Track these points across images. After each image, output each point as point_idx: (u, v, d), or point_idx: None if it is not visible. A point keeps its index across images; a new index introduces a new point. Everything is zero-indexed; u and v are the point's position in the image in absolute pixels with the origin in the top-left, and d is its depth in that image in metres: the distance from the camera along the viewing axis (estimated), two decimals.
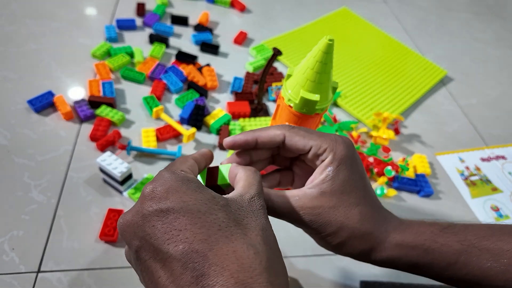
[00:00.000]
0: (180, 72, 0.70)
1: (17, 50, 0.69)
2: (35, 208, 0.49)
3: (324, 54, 0.37)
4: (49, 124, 0.59)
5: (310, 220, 0.28)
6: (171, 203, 0.21)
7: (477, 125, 0.79)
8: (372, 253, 0.28)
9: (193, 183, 0.22)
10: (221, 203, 0.22)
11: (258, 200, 0.24)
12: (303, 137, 0.29)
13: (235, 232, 0.21)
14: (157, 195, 0.22)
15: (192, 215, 0.20)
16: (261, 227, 0.22)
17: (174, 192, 0.21)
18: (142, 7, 0.83)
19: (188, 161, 0.27)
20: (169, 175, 0.23)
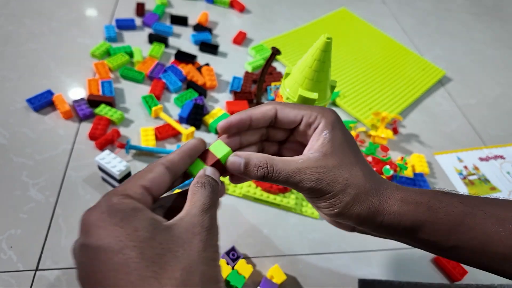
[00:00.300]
0: (179, 71, 0.70)
1: (16, 50, 0.69)
2: (33, 207, 0.49)
3: (322, 53, 0.37)
4: (48, 123, 0.59)
5: (317, 179, 0.27)
6: (92, 240, 0.20)
7: (476, 125, 0.79)
8: (379, 213, 0.27)
9: (119, 215, 0.21)
10: (142, 237, 0.20)
11: (199, 220, 0.22)
12: (293, 108, 0.30)
13: (144, 275, 0.19)
14: (85, 229, 0.21)
15: (105, 255, 0.20)
16: (184, 266, 0.20)
17: (96, 227, 0.21)
18: (141, 7, 0.84)
19: (152, 172, 0.24)
20: (103, 204, 0.22)
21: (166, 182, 0.25)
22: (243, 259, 0.48)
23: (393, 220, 0.27)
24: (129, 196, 0.22)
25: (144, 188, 0.23)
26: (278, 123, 0.30)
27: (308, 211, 0.56)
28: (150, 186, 0.24)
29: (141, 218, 0.21)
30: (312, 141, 0.29)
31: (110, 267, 0.19)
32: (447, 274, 0.53)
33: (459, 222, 0.27)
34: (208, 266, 0.21)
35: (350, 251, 0.53)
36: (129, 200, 0.22)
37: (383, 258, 0.53)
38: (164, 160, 0.26)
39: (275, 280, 0.47)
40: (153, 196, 0.24)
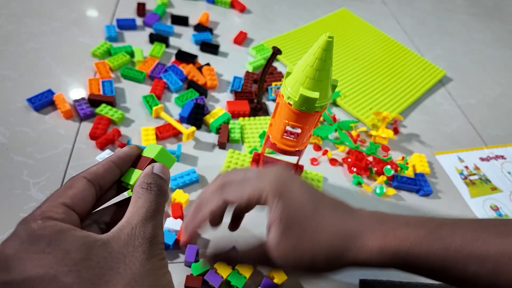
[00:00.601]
0: (180, 71, 0.70)
1: (17, 49, 0.69)
2: (33, 206, 0.48)
3: (324, 51, 0.37)
4: (49, 122, 0.59)
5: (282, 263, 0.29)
6: (14, 274, 0.18)
7: (476, 125, 0.79)
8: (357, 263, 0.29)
9: (43, 241, 0.19)
10: (76, 259, 0.18)
11: (140, 231, 0.21)
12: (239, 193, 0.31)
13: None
14: (4, 264, 0.19)
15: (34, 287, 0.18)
16: (129, 280, 0.19)
17: (18, 259, 0.18)
18: (142, 7, 0.84)
19: (72, 188, 0.22)
20: (21, 232, 0.20)
21: (90, 197, 0.23)
22: None
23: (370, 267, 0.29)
24: (50, 218, 0.20)
25: (66, 206, 0.21)
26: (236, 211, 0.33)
27: None
28: (72, 204, 0.22)
29: (70, 239, 0.19)
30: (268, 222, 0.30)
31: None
32: None
33: (438, 266, 0.28)
34: (155, 276, 0.20)
35: None
36: (52, 223, 0.20)
37: None
38: (85, 173, 0.24)
39: (275, 281, 0.46)
40: (78, 214, 0.22)
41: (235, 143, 0.63)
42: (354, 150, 0.63)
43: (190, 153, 0.59)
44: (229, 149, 0.60)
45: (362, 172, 0.61)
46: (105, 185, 0.24)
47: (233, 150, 0.60)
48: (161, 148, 0.26)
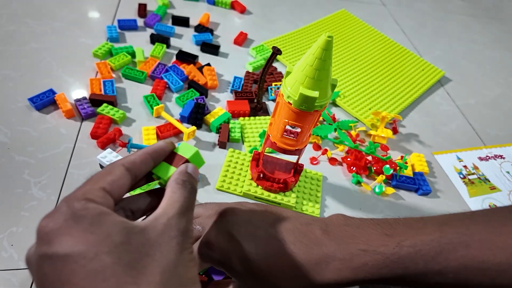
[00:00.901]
0: (180, 71, 0.71)
1: (18, 49, 0.70)
2: (35, 205, 0.49)
3: (323, 51, 0.38)
4: (50, 121, 0.59)
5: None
6: (58, 248, 0.19)
7: (475, 125, 0.80)
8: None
9: (86, 220, 0.19)
10: (116, 241, 0.19)
11: (176, 223, 0.22)
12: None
13: (123, 281, 0.18)
14: (46, 238, 0.19)
15: (76, 263, 0.18)
16: (162, 269, 0.20)
17: (61, 234, 0.19)
18: (143, 8, 0.84)
19: (111, 174, 0.23)
20: (64, 209, 0.20)
21: (126, 185, 0.24)
22: None
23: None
24: (91, 200, 0.21)
25: (104, 191, 0.22)
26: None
27: (308, 209, 0.56)
28: (111, 189, 0.22)
29: (111, 223, 0.20)
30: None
31: (83, 276, 0.18)
32: None
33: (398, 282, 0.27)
34: (186, 268, 0.21)
35: None
36: (94, 205, 0.21)
37: None
38: (124, 161, 0.24)
39: None
40: (113, 199, 0.23)
41: (235, 142, 0.63)
42: (353, 149, 0.63)
43: None
44: (230, 148, 0.61)
45: (362, 171, 0.62)
46: (139, 175, 0.25)
47: (233, 149, 0.61)
48: (196, 151, 0.27)
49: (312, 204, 0.56)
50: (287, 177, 0.55)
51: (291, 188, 0.57)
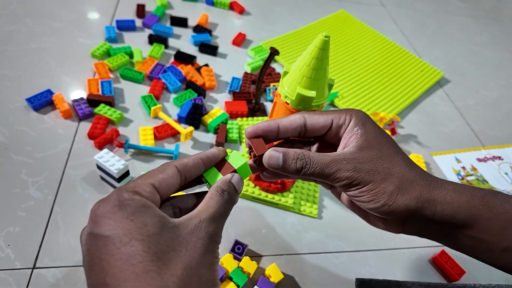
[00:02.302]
0: (178, 72, 0.71)
1: (17, 49, 0.70)
2: (32, 205, 0.49)
3: (320, 51, 0.37)
4: (48, 122, 0.59)
5: (355, 168, 0.26)
6: (102, 229, 0.21)
7: (474, 126, 0.80)
8: (431, 203, 0.26)
9: (129, 209, 0.22)
10: (150, 232, 0.21)
11: (206, 226, 0.23)
12: (321, 114, 0.29)
13: (148, 269, 0.20)
14: (95, 219, 0.22)
15: (113, 245, 0.20)
16: (185, 265, 0.21)
17: (107, 218, 0.21)
18: (142, 8, 0.84)
19: (163, 173, 0.25)
20: (114, 197, 0.23)
21: (175, 184, 0.26)
22: (247, 256, 0.48)
23: (446, 212, 0.26)
24: (139, 193, 0.23)
25: (153, 187, 0.24)
26: (309, 131, 0.29)
27: (306, 210, 0.56)
28: (159, 186, 0.24)
29: (151, 215, 0.22)
30: (344, 139, 0.29)
31: (117, 257, 0.20)
32: (445, 274, 0.53)
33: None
34: (207, 270, 0.22)
35: (348, 251, 0.53)
36: (139, 197, 0.23)
37: (381, 257, 0.53)
38: (177, 163, 0.26)
39: (272, 279, 0.47)
40: (160, 195, 0.25)
41: (233, 143, 0.63)
42: None
43: (188, 153, 0.60)
44: (227, 149, 0.60)
45: None
46: (189, 177, 0.27)
47: (230, 150, 0.60)
48: (245, 162, 0.28)
49: (310, 205, 0.56)
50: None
51: (289, 189, 0.57)
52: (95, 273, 0.20)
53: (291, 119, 0.29)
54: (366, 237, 0.55)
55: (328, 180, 0.27)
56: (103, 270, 0.20)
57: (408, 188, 0.26)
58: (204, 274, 0.22)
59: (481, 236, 0.26)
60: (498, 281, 0.54)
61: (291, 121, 0.29)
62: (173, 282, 0.20)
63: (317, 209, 0.56)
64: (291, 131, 0.29)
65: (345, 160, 0.26)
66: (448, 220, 0.26)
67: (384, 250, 0.54)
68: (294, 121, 0.29)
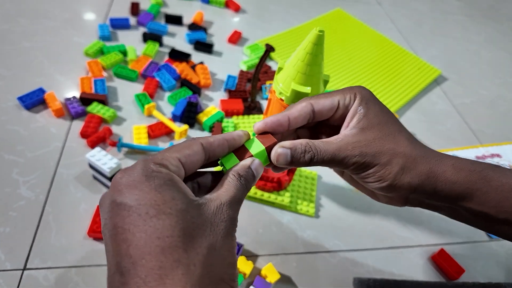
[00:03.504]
0: (173, 70, 0.70)
1: (10, 48, 0.69)
2: (23, 205, 0.48)
3: (314, 46, 0.37)
4: (40, 121, 0.58)
5: (360, 153, 0.27)
6: (127, 199, 0.20)
7: (471, 123, 0.79)
8: (431, 179, 0.27)
9: (157, 181, 0.21)
10: (178, 207, 0.21)
11: (227, 210, 0.23)
12: (326, 97, 0.29)
13: (174, 244, 0.19)
14: (119, 187, 0.21)
15: (139, 216, 0.20)
16: (209, 244, 0.21)
17: (133, 188, 0.21)
18: (136, 6, 0.83)
19: (189, 149, 0.25)
20: (140, 167, 0.22)
21: (199, 162, 0.25)
22: (242, 256, 0.47)
23: (445, 187, 0.27)
24: (166, 166, 0.22)
25: (179, 161, 0.24)
26: (317, 117, 0.29)
27: (303, 209, 0.55)
28: (185, 161, 0.24)
29: (178, 189, 0.21)
30: (347, 120, 0.29)
31: (142, 228, 0.19)
32: (443, 272, 0.52)
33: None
34: (229, 252, 0.22)
35: (345, 250, 0.52)
36: (166, 171, 0.22)
37: (379, 256, 0.52)
38: (203, 140, 0.25)
39: (268, 279, 0.46)
40: (185, 172, 0.24)
41: None
42: None
43: None
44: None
45: None
46: (212, 157, 0.26)
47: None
48: (263, 149, 0.28)
49: (306, 203, 0.55)
50: (281, 176, 0.54)
51: (285, 187, 0.56)
52: (117, 243, 0.20)
53: (299, 109, 0.28)
54: (363, 236, 0.54)
55: (338, 166, 0.28)
56: (126, 240, 0.19)
57: (411, 167, 0.27)
58: (226, 256, 0.22)
59: (480, 208, 0.27)
60: (497, 280, 0.53)
61: (299, 112, 0.28)
62: (198, 260, 0.20)
63: (314, 207, 0.55)
64: (301, 122, 0.29)
65: (350, 145, 0.27)
66: (447, 194, 0.27)
67: (382, 249, 0.53)
68: (302, 110, 0.29)
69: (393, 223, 0.57)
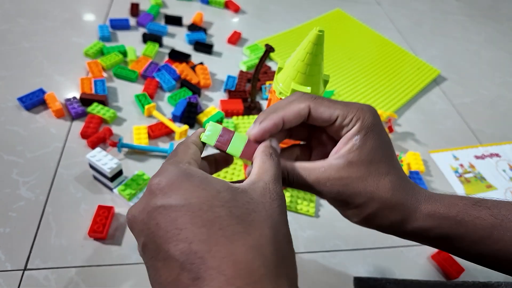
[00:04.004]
0: (173, 70, 0.70)
1: (10, 48, 0.69)
2: (23, 205, 0.48)
3: (314, 46, 0.37)
4: (40, 121, 0.58)
5: (338, 192, 0.26)
6: (173, 200, 0.20)
7: (471, 123, 0.79)
8: (403, 224, 0.27)
9: (197, 178, 0.21)
10: (226, 198, 0.21)
11: (273, 188, 0.23)
12: (328, 107, 0.27)
13: (237, 231, 0.20)
14: (161, 191, 0.21)
15: (193, 213, 0.20)
16: (270, 224, 0.21)
17: (176, 188, 0.21)
18: (136, 7, 0.83)
19: (190, 148, 0.25)
20: (173, 168, 0.22)
21: (199, 159, 0.26)
22: None
23: (417, 232, 0.27)
24: (193, 164, 0.23)
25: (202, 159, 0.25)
26: (311, 121, 0.28)
27: (303, 208, 0.55)
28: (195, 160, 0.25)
29: (217, 182, 0.22)
30: (341, 143, 0.28)
31: (201, 224, 0.19)
32: (443, 271, 0.52)
33: (488, 234, 0.26)
34: (287, 228, 0.22)
35: (346, 249, 0.52)
36: (196, 168, 0.23)
37: (379, 256, 0.52)
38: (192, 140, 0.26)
39: None
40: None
41: None
42: None
43: None
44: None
45: None
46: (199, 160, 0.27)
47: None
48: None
49: (306, 203, 0.56)
50: None
51: (285, 188, 0.56)
52: (173, 245, 0.19)
53: (295, 111, 0.27)
54: (363, 236, 0.54)
55: (315, 194, 0.28)
56: (186, 239, 0.19)
57: (384, 214, 0.27)
58: (286, 232, 0.22)
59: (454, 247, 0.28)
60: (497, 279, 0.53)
61: (295, 114, 0.27)
62: (266, 241, 0.20)
63: (314, 207, 0.55)
64: (294, 123, 0.28)
65: (329, 181, 0.27)
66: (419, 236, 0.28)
67: (382, 249, 0.53)
68: (299, 114, 0.28)
69: None
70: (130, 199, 0.51)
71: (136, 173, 0.53)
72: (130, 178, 0.52)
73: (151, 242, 0.20)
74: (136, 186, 0.51)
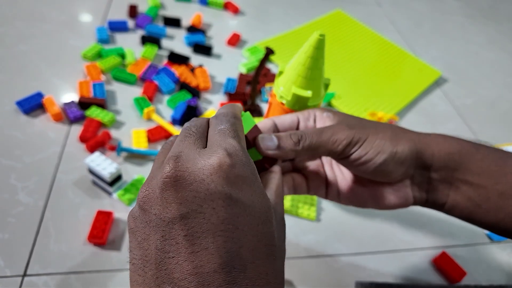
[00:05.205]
0: (172, 73, 0.69)
1: (6, 51, 0.68)
2: (21, 211, 0.48)
3: (315, 50, 0.36)
4: (38, 125, 0.58)
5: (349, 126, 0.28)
6: (243, 196, 0.19)
7: (472, 125, 0.79)
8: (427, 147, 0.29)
9: (259, 183, 0.21)
10: (275, 217, 0.22)
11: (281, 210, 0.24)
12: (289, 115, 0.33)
13: (274, 253, 0.20)
14: (235, 179, 0.20)
15: (253, 218, 0.19)
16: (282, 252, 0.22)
17: (248, 185, 0.20)
18: (134, 9, 0.83)
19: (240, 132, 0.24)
20: (248, 161, 0.21)
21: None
22: None
23: (442, 154, 0.29)
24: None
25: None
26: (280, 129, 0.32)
27: (304, 213, 0.55)
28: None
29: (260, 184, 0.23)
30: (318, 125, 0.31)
31: (254, 233, 0.19)
32: (445, 275, 0.52)
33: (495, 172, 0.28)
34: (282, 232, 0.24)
35: (347, 254, 0.52)
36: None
37: (381, 260, 0.52)
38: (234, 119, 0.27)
39: None
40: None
41: None
42: None
43: None
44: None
45: None
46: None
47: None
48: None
49: (307, 207, 0.55)
50: None
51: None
52: (223, 240, 0.18)
53: (263, 125, 0.31)
54: (365, 240, 0.54)
55: (328, 146, 0.28)
56: (238, 241, 0.18)
57: (403, 136, 0.29)
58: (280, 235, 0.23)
59: (478, 181, 0.28)
60: (499, 282, 0.53)
61: (263, 126, 0.31)
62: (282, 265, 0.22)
63: (315, 211, 0.55)
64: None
65: (336, 125, 0.29)
66: (446, 164, 0.29)
67: (383, 253, 0.53)
68: (265, 125, 0.31)
69: (394, 226, 0.57)
70: (130, 204, 0.50)
71: (136, 177, 0.53)
72: (129, 183, 0.52)
73: (195, 223, 0.18)
74: (135, 191, 0.51)
